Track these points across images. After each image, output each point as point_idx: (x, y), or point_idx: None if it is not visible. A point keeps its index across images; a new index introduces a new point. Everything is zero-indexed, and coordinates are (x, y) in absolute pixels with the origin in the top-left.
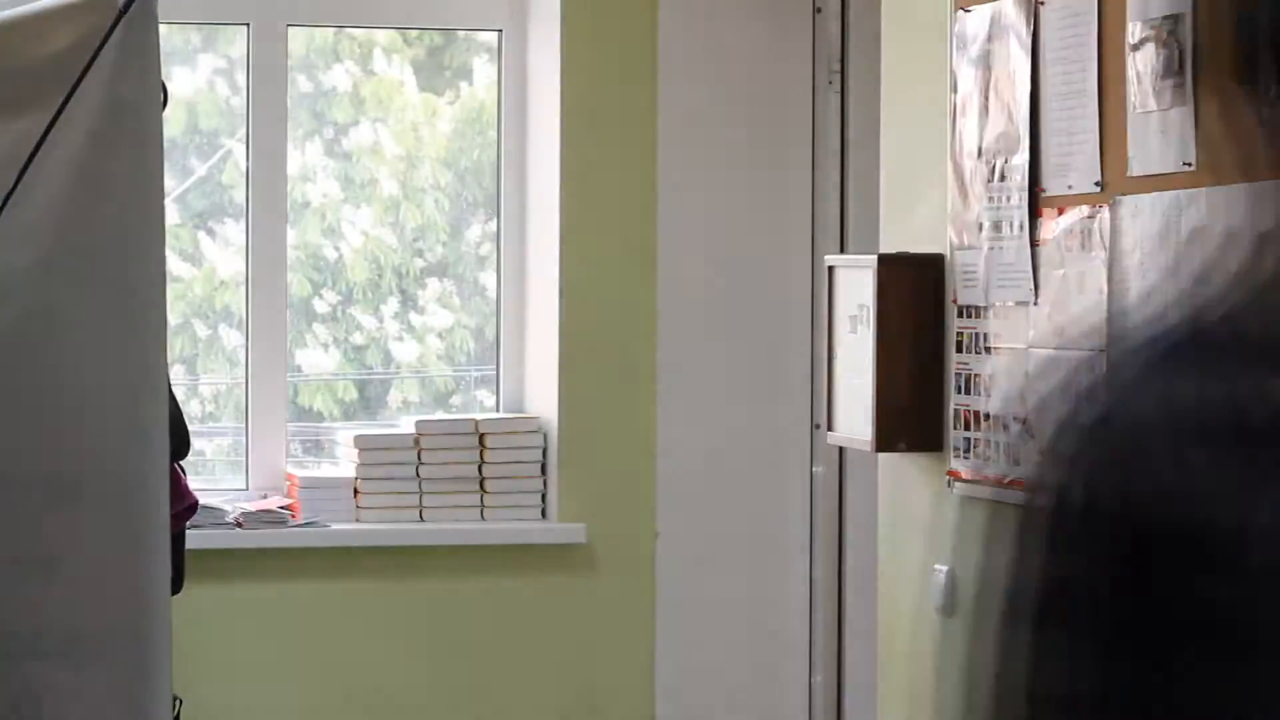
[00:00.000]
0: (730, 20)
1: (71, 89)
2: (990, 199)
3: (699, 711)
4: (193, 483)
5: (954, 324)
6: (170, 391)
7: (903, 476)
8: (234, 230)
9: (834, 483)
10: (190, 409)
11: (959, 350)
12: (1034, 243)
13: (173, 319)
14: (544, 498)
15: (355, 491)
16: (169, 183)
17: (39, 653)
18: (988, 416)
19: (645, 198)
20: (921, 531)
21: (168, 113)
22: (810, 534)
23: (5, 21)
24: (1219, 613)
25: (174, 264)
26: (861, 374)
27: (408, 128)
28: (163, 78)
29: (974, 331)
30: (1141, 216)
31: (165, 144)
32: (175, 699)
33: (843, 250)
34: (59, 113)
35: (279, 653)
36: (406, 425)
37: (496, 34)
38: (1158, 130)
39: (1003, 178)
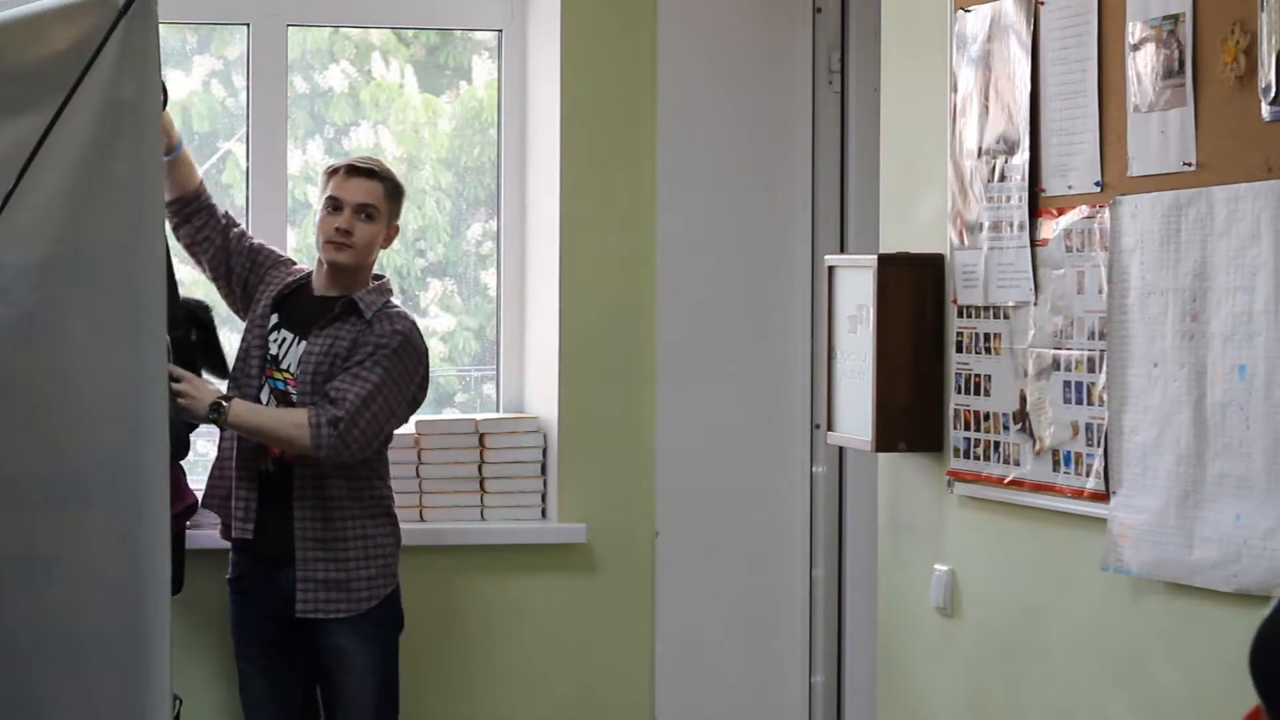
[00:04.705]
0: (730, 20)
1: (71, 89)
2: (990, 199)
3: (699, 711)
4: (193, 483)
5: (954, 324)
6: (170, 392)
7: (903, 476)
8: None
9: (834, 483)
10: None
11: (959, 350)
12: (1034, 243)
13: None
14: (544, 498)
15: None
16: None
17: (39, 653)
18: (988, 416)
19: (645, 197)
20: (921, 531)
21: (167, 114)
22: (810, 534)
23: (5, 21)
24: None
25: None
26: (861, 374)
27: (409, 129)
28: (162, 78)
29: (974, 331)
30: (1141, 216)
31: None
32: (175, 699)
33: (843, 250)
34: (59, 113)
35: None
36: (407, 425)
37: (496, 34)
38: (1158, 130)
39: (1003, 178)
